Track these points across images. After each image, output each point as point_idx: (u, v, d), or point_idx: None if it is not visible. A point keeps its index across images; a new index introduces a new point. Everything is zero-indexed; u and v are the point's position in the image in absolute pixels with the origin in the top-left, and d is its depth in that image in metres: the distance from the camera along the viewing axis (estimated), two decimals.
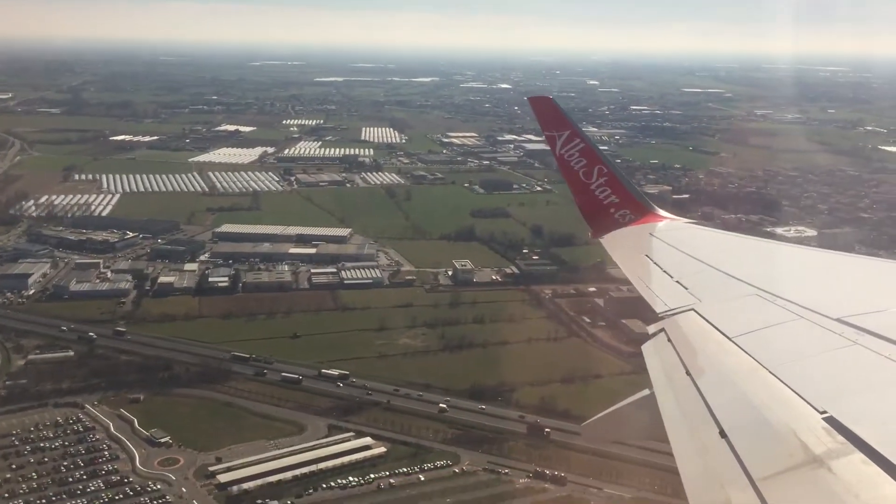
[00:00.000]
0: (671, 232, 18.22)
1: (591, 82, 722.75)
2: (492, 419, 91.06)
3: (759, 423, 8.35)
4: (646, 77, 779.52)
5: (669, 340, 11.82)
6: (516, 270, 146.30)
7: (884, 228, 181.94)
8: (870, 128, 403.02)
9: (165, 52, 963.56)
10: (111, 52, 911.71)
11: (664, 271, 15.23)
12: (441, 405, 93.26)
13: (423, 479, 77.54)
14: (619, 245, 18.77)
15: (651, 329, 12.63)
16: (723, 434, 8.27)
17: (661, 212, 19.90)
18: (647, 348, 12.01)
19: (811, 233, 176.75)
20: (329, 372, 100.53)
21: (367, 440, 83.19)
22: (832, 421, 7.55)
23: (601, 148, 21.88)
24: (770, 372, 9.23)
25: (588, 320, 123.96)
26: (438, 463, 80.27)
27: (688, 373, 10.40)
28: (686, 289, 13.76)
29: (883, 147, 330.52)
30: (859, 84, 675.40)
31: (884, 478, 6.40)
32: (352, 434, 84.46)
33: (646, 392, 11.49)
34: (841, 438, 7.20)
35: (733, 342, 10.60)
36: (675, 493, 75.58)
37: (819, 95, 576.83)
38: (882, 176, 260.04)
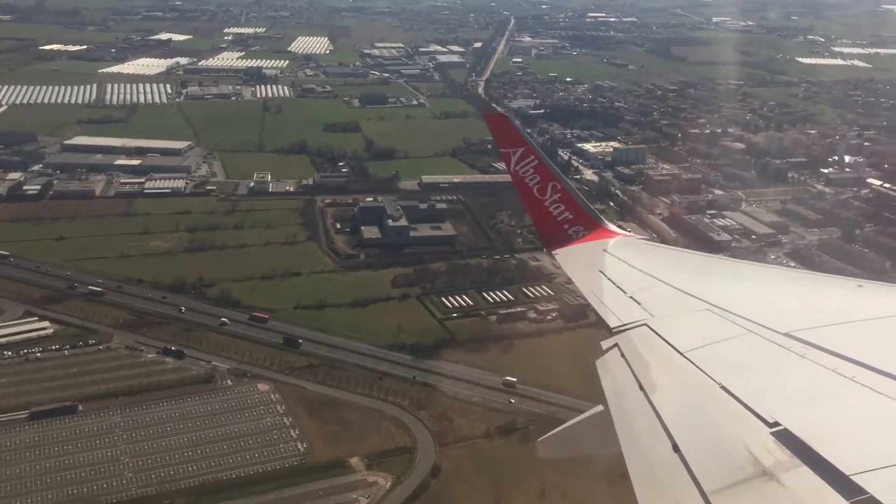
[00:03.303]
0: (624, 248, 18.47)
1: None
2: (166, 307, 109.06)
3: (711, 437, 8.74)
4: None
5: (623, 355, 12.04)
6: (311, 182, 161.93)
7: (694, 144, 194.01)
8: (811, 37, 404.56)
9: None
10: None
11: (617, 286, 15.48)
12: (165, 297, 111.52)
13: (66, 353, 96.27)
14: (573, 260, 18.89)
15: (604, 344, 12.80)
16: (676, 448, 8.65)
17: (613, 227, 20.42)
18: (600, 363, 12.15)
19: (616, 145, 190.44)
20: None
21: (45, 324, 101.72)
22: (782, 434, 7.92)
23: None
24: (721, 386, 9.52)
25: (338, 227, 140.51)
26: (91, 341, 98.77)
27: (641, 388, 10.63)
28: (639, 304, 14.05)
29: (799, 59, 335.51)
30: None
31: (830, 491, 6.80)
32: (36, 318, 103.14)
33: (599, 408, 11.83)
34: (790, 451, 7.58)
35: (685, 357, 10.86)
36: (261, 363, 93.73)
37: (797, 2, 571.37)
38: (762, 90, 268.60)
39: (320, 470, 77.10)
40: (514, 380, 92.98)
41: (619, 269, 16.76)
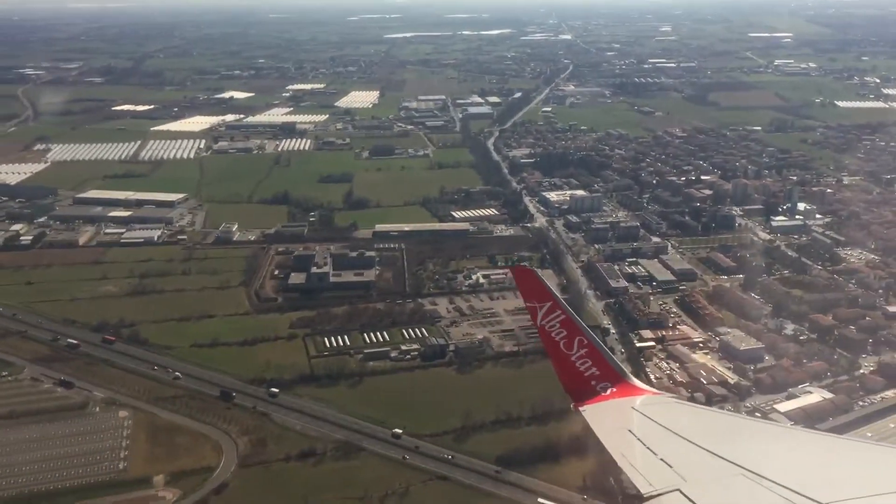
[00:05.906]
0: (653, 407, 18.40)
1: (663, 29, 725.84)
2: (87, 345, 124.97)
3: None
4: (737, 19, 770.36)
5: None
6: (272, 231, 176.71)
7: (663, 191, 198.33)
8: (868, 78, 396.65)
9: (279, 9, 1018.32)
10: (229, 11, 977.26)
11: (648, 448, 15.59)
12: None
13: None
14: (601, 419, 18.65)
15: None
16: None
17: (640, 384, 20.40)
18: None
19: (580, 192, 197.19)
20: None
21: None
22: None
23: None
24: None
25: (276, 272, 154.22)
26: (4, 373, 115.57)
27: None
28: (671, 467, 14.19)
29: (837, 102, 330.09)
30: None
31: None
32: None
33: None
34: None
35: None
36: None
37: (883, 40, 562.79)
38: (777, 135, 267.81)
39: (123, 485, 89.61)
40: (277, 390, 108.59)
41: (648, 430, 16.79)
